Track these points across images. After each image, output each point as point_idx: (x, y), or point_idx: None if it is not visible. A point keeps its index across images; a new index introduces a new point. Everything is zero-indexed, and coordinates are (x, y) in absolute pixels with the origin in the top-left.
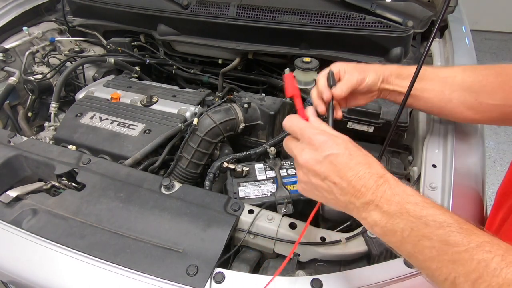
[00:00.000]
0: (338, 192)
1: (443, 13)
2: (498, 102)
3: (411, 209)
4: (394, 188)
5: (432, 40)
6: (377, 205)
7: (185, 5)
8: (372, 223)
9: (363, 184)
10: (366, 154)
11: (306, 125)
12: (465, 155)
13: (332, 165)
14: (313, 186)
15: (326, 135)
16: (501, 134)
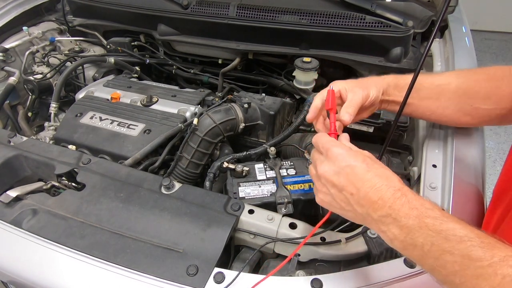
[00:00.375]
0: (355, 204)
1: (443, 13)
2: (492, 107)
3: (430, 223)
4: (412, 202)
5: (432, 40)
6: (395, 219)
7: (185, 5)
8: (392, 237)
9: (380, 197)
10: (384, 168)
11: (328, 139)
12: (465, 155)
13: (349, 176)
14: (331, 197)
15: (344, 148)
16: (501, 134)
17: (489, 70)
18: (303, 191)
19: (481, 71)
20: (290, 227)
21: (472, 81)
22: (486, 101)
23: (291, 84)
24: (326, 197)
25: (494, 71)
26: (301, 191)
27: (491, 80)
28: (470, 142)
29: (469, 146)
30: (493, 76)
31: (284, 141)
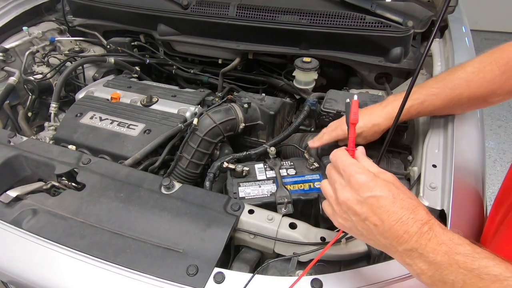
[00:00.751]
0: (379, 235)
1: (443, 13)
2: (504, 97)
3: (461, 260)
4: (440, 237)
5: (432, 40)
6: (422, 254)
7: (185, 5)
8: (418, 271)
9: (406, 230)
10: (411, 198)
11: (350, 162)
12: (465, 155)
13: (374, 208)
14: (352, 224)
15: (369, 176)
16: (501, 134)
17: (501, 60)
18: (303, 191)
19: (494, 64)
20: (290, 227)
21: (485, 82)
22: (500, 94)
23: (291, 84)
24: (346, 222)
25: (506, 60)
26: (301, 191)
27: (504, 73)
28: (470, 142)
29: (469, 146)
30: (506, 68)
31: (284, 141)
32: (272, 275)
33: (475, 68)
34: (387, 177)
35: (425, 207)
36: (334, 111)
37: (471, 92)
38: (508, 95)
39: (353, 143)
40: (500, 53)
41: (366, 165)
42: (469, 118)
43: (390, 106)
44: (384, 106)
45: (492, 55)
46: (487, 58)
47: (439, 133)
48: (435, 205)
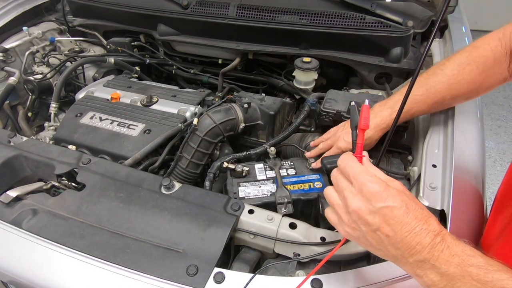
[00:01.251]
0: (390, 245)
1: (443, 13)
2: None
3: (474, 272)
4: (453, 248)
5: (432, 40)
6: (434, 265)
7: (185, 5)
8: (430, 283)
9: (419, 242)
10: (422, 208)
11: (361, 169)
12: (465, 155)
13: (387, 218)
14: (361, 234)
15: (381, 185)
16: (501, 134)
17: (479, 59)
18: (303, 191)
19: (473, 64)
20: (290, 227)
21: (466, 83)
22: (480, 91)
23: (291, 84)
24: (354, 232)
25: (484, 59)
26: (301, 191)
27: (483, 72)
28: (470, 142)
29: (469, 146)
30: (484, 66)
31: (284, 141)
32: (272, 275)
33: (455, 71)
34: (397, 185)
35: (436, 217)
36: (334, 111)
37: (453, 94)
38: (487, 89)
39: (361, 150)
40: (478, 51)
41: (375, 172)
42: (469, 118)
43: (378, 118)
44: (371, 118)
45: (470, 55)
46: (466, 58)
47: (439, 133)
48: (435, 205)
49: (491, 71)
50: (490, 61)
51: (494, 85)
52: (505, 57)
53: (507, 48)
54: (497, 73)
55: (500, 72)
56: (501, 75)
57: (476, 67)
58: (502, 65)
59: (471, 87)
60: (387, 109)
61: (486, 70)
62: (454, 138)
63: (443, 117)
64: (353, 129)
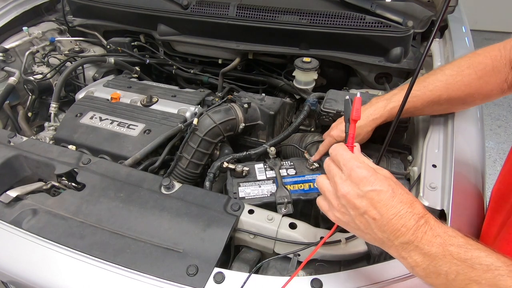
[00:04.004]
0: (377, 228)
1: (443, 13)
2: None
3: (455, 251)
4: (435, 229)
5: (432, 40)
6: (417, 246)
7: (185, 5)
8: (413, 264)
9: (404, 224)
10: (408, 193)
11: (350, 156)
12: (465, 155)
13: (373, 201)
14: (350, 218)
15: (369, 170)
16: (501, 134)
17: (480, 65)
18: (303, 191)
19: (471, 68)
20: (290, 227)
21: (463, 86)
22: (477, 98)
23: (291, 84)
24: (343, 216)
25: (484, 64)
26: (301, 191)
27: (481, 77)
28: (470, 142)
29: (469, 146)
30: (484, 72)
31: (284, 141)
32: (272, 275)
33: (454, 71)
34: (385, 173)
35: (420, 202)
36: (334, 111)
37: (450, 95)
38: (485, 98)
39: (353, 140)
40: (478, 57)
41: (365, 160)
42: (469, 118)
43: (372, 109)
44: (366, 108)
45: (470, 59)
46: (466, 62)
47: (439, 133)
48: (435, 205)
49: (489, 79)
50: (489, 68)
51: (491, 94)
52: (504, 67)
53: (506, 59)
54: (494, 82)
55: (498, 82)
56: (498, 85)
57: (475, 72)
58: (500, 74)
59: (468, 90)
60: (383, 101)
61: (484, 77)
62: (454, 138)
63: (443, 117)
64: (346, 122)
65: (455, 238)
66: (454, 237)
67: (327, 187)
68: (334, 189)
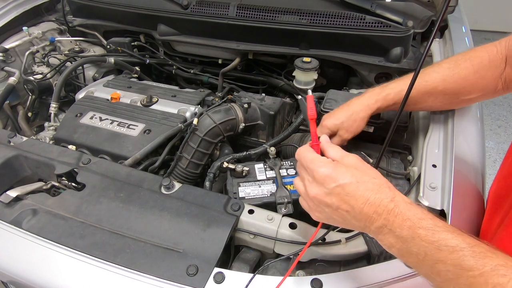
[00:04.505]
0: (352, 219)
1: (443, 13)
2: (478, 95)
3: (423, 234)
4: (405, 212)
5: (432, 40)
6: (390, 229)
7: (185, 5)
8: (389, 245)
9: (374, 210)
10: (375, 177)
11: (311, 158)
12: (465, 155)
13: (342, 196)
14: (328, 214)
15: (329, 167)
16: (501, 134)
17: (476, 59)
18: None
19: (468, 62)
20: (290, 227)
21: (459, 79)
22: (472, 92)
23: (291, 84)
24: (322, 214)
25: (480, 58)
26: None
27: (477, 72)
28: (470, 142)
29: (469, 146)
30: (480, 65)
31: (284, 141)
32: (272, 275)
33: (451, 65)
34: (350, 160)
35: (389, 182)
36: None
37: (445, 87)
38: (480, 95)
39: (315, 138)
40: (475, 52)
41: (332, 152)
42: (469, 118)
43: (366, 95)
44: (360, 96)
45: (467, 54)
46: (463, 56)
47: (439, 133)
48: (435, 205)
49: (485, 73)
50: (486, 63)
51: (486, 90)
52: (500, 62)
53: (502, 54)
54: (490, 77)
55: (493, 77)
56: (494, 80)
57: (472, 65)
58: (496, 69)
59: (463, 83)
60: (379, 88)
61: (480, 70)
62: (454, 138)
63: (443, 117)
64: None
65: (424, 221)
66: (423, 220)
67: (302, 189)
68: (306, 192)
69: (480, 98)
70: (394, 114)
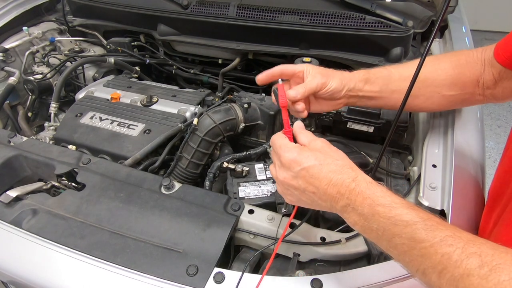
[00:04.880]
0: (319, 199)
1: (443, 13)
2: (457, 92)
3: (381, 210)
4: (365, 191)
5: (432, 40)
6: (353, 208)
7: (185, 5)
8: (353, 223)
9: (337, 191)
10: (337, 159)
11: (280, 143)
12: (465, 155)
13: (306, 178)
14: (297, 197)
15: (294, 151)
16: (501, 134)
17: (454, 57)
18: None
19: (446, 58)
20: (290, 227)
21: (439, 70)
22: (452, 88)
23: None
24: (293, 197)
25: (458, 57)
26: None
27: (456, 67)
28: (470, 142)
29: (469, 146)
30: (457, 63)
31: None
32: (272, 275)
33: (431, 58)
34: (316, 144)
35: (353, 163)
36: (334, 111)
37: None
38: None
39: (287, 125)
40: (453, 53)
41: (302, 138)
42: (469, 118)
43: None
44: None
45: (447, 54)
46: (442, 55)
47: (439, 133)
48: (435, 205)
49: (464, 70)
50: (463, 62)
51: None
52: (477, 63)
53: (479, 59)
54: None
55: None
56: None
57: (450, 61)
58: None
59: (443, 75)
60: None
61: (458, 67)
62: (454, 138)
63: (443, 117)
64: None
65: (383, 198)
66: (382, 197)
67: (274, 174)
68: (277, 176)
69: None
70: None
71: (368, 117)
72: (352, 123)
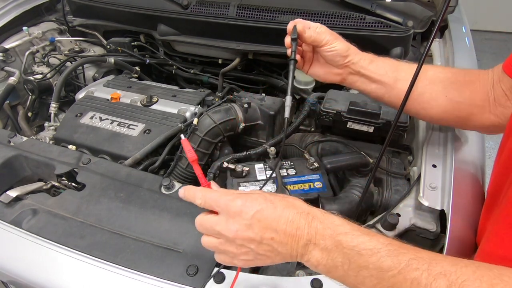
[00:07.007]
0: (279, 245)
1: (443, 13)
2: (465, 100)
3: (344, 240)
4: (324, 222)
5: (432, 40)
6: (315, 243)
7: (185, 5)
8: (316, 263)
9: (297, 227)
10: (284, 197)
11: (218, 194)
12: (465, 155)
13: (262, 222)
14: (254, 252)
15: (242, 198)
16: (501, 134)
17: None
18: (303, 191)
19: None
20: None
21: (449, 72)
22: (461, 93)
23: None
24: (248, 255)
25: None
26: (301, 191)
27: (467, 75)
28: (470, 142)
29: (469, 146)
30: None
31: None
32: (272, 275)
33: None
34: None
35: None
36: (334, 111)
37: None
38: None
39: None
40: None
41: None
42: None
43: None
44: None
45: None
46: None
47: (439, 132)
48: (435, 205)
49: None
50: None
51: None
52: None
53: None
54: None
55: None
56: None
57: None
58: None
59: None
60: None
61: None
62: (454, 138)
63: None
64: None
65: (342, 227)
66: (340, 226)
67: (215, 242)
68: (224, 238)
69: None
70: (394, 114)
71: (368, 117)
72: (352, 123)
